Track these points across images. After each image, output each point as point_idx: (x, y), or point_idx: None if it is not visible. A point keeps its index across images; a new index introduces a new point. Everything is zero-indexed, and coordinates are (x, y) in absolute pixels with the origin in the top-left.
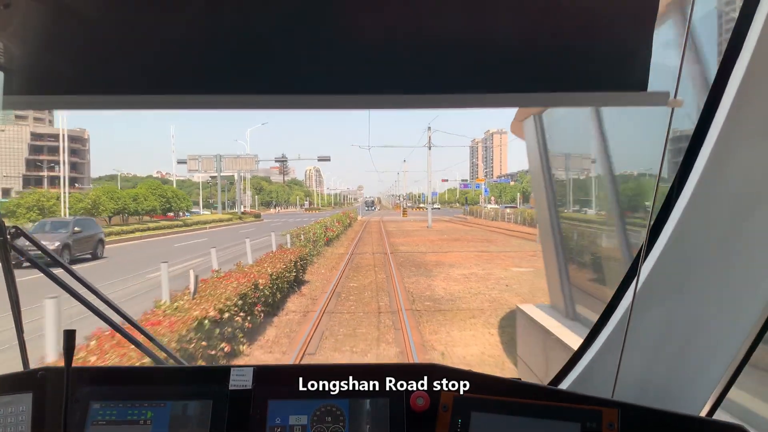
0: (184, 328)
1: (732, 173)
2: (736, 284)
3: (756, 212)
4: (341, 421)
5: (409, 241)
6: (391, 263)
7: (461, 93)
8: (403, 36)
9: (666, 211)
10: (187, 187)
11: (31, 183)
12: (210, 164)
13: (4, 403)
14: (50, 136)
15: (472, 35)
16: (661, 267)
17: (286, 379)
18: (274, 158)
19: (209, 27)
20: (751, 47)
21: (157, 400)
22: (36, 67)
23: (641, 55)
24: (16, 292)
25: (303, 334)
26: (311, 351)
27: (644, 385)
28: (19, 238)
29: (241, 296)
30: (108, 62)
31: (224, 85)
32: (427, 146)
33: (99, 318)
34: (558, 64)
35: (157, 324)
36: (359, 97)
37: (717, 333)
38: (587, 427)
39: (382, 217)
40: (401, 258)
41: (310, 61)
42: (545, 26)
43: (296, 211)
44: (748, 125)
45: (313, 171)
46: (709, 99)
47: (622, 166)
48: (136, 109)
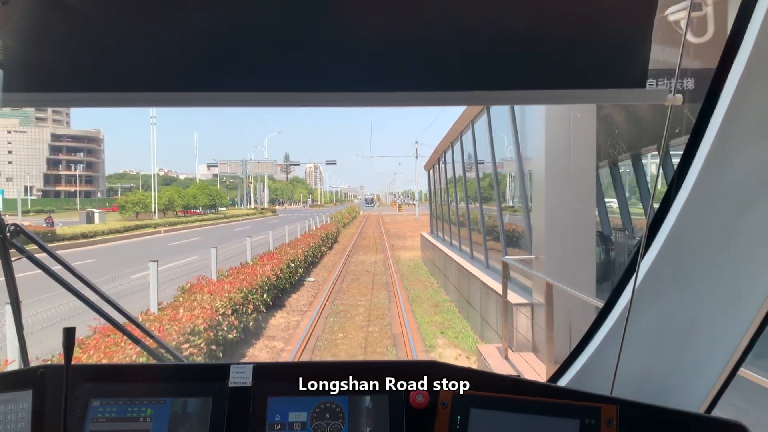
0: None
1: (731, 170)
2: (735, 281)
3: (755, 209)
4: (341, 417)
5: (399, 227)
6: (384, 236)
7: (459, 90)
8: (400, 33)
9: (665, 208)
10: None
11: (51, 181)
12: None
13: (4, 401)
14: (69, 136)
15: (470, 33)
16: (660, 264)
17: (285, 377)
18: (287, 161)
19: (209, 24)
20: (750, 46)
21: (156, 397)
22: (35, 64)
23: (640, 53)
24: (15, 290)
25: (345, 255)
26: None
27: (643, 382)
28: (18, 236)
29: (322, 240)
30: (107, 59)
31: (223, 82)
32: (414, 156)
33: (99, 315)
34: (556, 62)
35: (275, 260)
36: (359, 94)
37: (716, 329)
38: (586, 423)
39: (381, 212)
40: (391, 233)
41: (310, 60)
42: (543, 23)
43: (300, 207)
44: (746, 123)
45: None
46: (707, 96)
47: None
48: (136, 106)
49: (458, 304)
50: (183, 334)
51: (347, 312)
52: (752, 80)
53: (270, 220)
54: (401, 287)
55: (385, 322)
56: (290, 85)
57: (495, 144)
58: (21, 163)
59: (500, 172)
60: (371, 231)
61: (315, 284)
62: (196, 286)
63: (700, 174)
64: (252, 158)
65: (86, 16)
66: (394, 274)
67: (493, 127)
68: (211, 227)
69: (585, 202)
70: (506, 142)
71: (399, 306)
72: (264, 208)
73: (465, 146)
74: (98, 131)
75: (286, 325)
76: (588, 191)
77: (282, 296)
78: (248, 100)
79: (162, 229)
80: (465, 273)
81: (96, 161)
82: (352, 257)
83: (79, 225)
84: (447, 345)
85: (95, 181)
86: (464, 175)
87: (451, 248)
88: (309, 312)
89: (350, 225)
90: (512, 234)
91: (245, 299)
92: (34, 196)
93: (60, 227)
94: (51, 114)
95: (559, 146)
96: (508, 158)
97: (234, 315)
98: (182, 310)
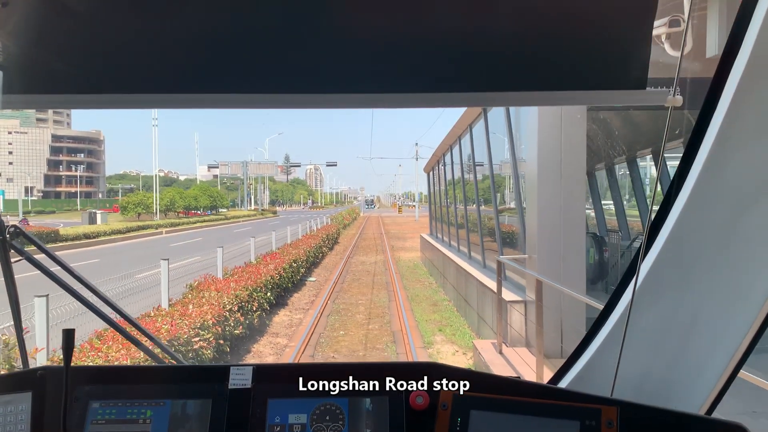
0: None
1: (731, 171)
2: (736, 281)
3: (755, 209)
4: (341, 419)
5: (399, 228)
6: (384, 237)
7: (460, 92)
8: (401, 35)
9: (665, 209)
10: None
11: (51, 182)
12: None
13: (4, 403)
14: (69, 137)
15: (470, 35)
16: (661, 265)
17: (285, 378)
18: (287, 163)
19: (209, 27)
20: (750, 46)
21: (156, 399)
22: (35, 66)
23: (640, 54)
24: (15, 291)
25: (345, 256)
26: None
27: (643, 383)
28: (18, 238)
29: (323, 241)
30: (108, 61)
31: (224, 84)
32: (414, 158)
33: (98, 317)
34: (556, 63)
35: (278, 260)
36: (359, 96)
37: (716, 331)
38: (586, 425)
39: (381, 214)
40: (391, 235)
41: (310, 61)
42: (543, 25)
43: (300, 209)
44: (747, 123)
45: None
46: (707, 97)
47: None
48: (137, 107)
49: (456, 303)
50: (193, 328)
51: (348, 310)
52: (752, 81)
53: (271, 221)
54: (401, 287)
55: (385, 320)
56: (291, 86)
57: (493, 147)
58: (21, 164)
59: (500, 174)
60: (371, 232)
61: (316, 284)
62: (203, 284)
63: (701, 175)
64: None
65: (86, 18)
66: (393, 275)
67: (492, 131)
68: (212, 228)
69: (575, 203)
70: (505, 144)
71: (398, 305)
72: (264, 209)
73: (463, 149)
74: (99, 132)
75: (289, 323)
76: (578, 193)
77: (285, 295)
78: (248, 102)
79: (164, 230)
80: (463, 273)
81: (96, 162)
82: (352, 258)
83: (81, 225)
84: (444, 341)
85: (96, 182)
86: (462, 177)
87: (450, 249)
88: (311, 310)
89: (350, 226)
90: (508, 235)
91: (250, 297)
92: (35, 197)
93: (62, 228)
94: (52, 115)
95: (550, 149)
96: (507, 160)
97: (240, 312)
98: (191, 306)
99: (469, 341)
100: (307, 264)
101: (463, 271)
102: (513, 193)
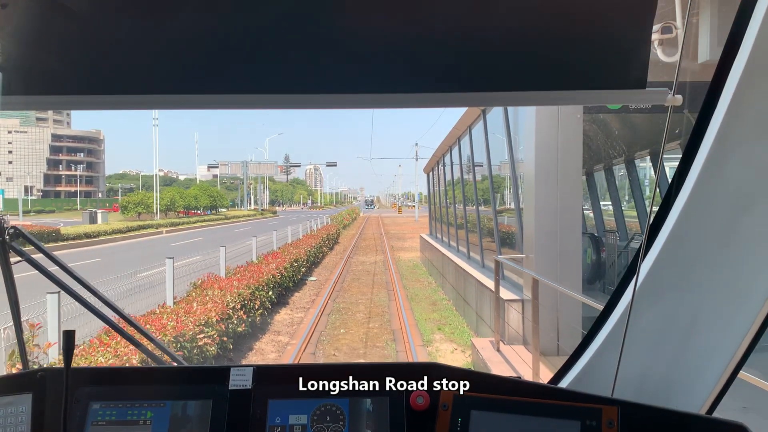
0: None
1: (731, 171)
2: (736, 281)
3: (755, 209)
4: (341, 420)
5: (398, 228)
6: (384, 237)
7: (459, 92)
8: (400, 35)
9: (665, 209)
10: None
11: (51, 181)
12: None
13: (4, 404)
14: (69, 137)
15: (470, 34)
16: (661, 265)
17: (285, 379)
18: (287, 163)
19: (208, 27)
20: (749, 46)
21: (156, 400)
22: (35, 67)
23: (640, 53)
24: (15, 293)
25: (345, 256)
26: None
27: (644, 383)
28: (18, 239)
29: (323, 241)
30: (107, 62)
31: (223, 84)
32: (414, 158)
33: (98, 318)
34: (556, 63)
35: (279, 259)
36: (359, 96)
37: (716, 330)
38: (587, 424)
39: (381, 214)
40: (391, 235)
41: (310, 61)
42: (543, 24)
43: (300, 209)
44: (746, 124)
45: (313, 170)
46: (707, 97)
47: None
48: (137, 108)
49: (455, 302)
50: (198, 325)
51: (348, 309)
52: (752, 81)
53: (271, 221)
54: (400, 286)
55: (385, 319)
56: (291, 86)
57: (492, 148)
58: (21, 164)
59: (499, 174)
60: (371, 232)
61: (317, 283)
62: (207, 283)
63: (700, 175)
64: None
65: (85, 18)
66: (393, 274)
67: (491, 131)
68: (212, 228)
69: (572, 203)
70: (504, 145)
71: (398, 304)
72: (264, 209)
73: (463, 150)
74: (98, 132)
75: (290, 321)
76: (574, 193)
77: (286, 294)
78: (248, 102)
79: (164, 230)
80: (462, 272)
81: (96, 161)
82: (352, 258)
83: (82, 225)
84: (443, 340)
85: (95, 181)
86: (462, 178)
87: (449, 249)
88: (312, 309)
89: (350, 226)
90: (507, 235)
91: (252, 295)
92: (35, 196)
93: (63, 227)
94: (51, 114)
95: (547, 149)
96: (506, 161)
97: (243, 310)
98: (196, 304)
99: (468, 339)
100: (308, 263)
101: (462, 271)
102: (512, 194)
